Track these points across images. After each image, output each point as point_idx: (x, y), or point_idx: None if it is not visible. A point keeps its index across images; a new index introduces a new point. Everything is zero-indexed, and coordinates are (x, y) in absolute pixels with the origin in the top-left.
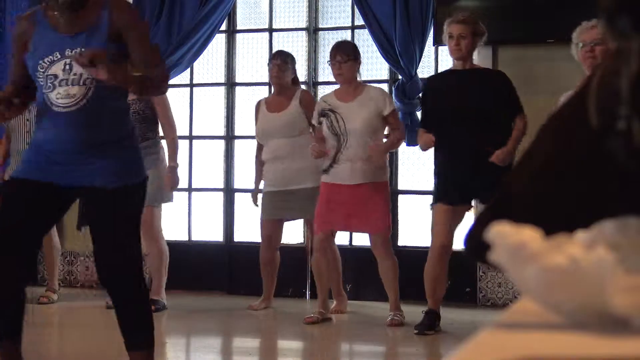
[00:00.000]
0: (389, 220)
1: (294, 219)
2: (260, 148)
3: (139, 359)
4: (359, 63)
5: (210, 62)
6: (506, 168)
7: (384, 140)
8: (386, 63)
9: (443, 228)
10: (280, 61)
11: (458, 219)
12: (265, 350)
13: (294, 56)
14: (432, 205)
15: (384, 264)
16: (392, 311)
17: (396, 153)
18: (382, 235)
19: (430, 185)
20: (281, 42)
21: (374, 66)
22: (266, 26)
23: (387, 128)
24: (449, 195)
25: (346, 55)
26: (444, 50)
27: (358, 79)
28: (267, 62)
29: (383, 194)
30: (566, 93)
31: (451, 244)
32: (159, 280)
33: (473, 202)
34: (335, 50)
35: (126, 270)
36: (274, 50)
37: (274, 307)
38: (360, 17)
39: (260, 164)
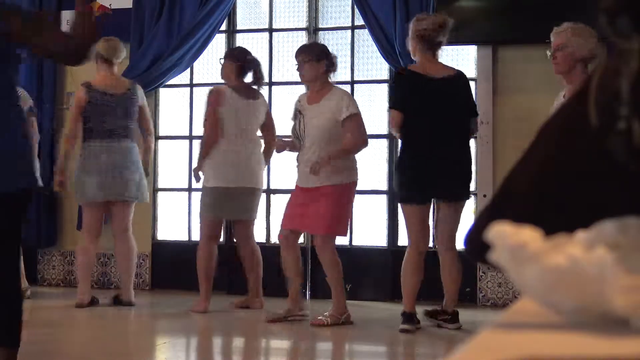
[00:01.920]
0: (340, 222)
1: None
2: None
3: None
4: (323, 64)
5: (210, 62)
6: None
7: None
8: (386, 63)
9: (421, 232)
10: (223, 61)
11: (428, 218)
12: (265, 351)
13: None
14: (404, 204)
15: (324, 264)
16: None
17: (396, 155)
18: (323, 236)
19: None
20: (281, 42)
21: (374, 66)
22: (266, 26)
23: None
24: (420, 194)
25: (306, 56)
26: (444, 50)
27: (329, 80)
28: None
29: (336, 196)
30: (562, 91)
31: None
32: (128, 279)
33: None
34: (297, 51)
35: None
36: (273, 51)
37: (267, 307)
38: (360, 17)
39: None
